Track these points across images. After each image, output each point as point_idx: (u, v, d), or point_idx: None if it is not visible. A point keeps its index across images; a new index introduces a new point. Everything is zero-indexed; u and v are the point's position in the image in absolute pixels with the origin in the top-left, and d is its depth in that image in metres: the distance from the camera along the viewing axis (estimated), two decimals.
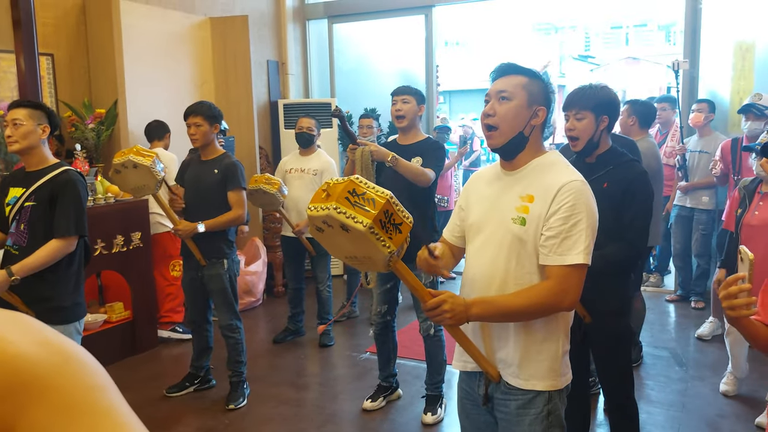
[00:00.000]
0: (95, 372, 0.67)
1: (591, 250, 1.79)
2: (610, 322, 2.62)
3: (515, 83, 1.85)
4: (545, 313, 1.82)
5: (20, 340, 0.64)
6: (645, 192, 2.59)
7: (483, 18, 22.22)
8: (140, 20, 5.10)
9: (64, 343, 0.68)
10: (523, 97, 1.84)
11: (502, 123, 1.84)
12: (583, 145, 2.61)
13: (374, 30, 7.26)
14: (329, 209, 1.61)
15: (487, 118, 1.87)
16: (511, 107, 1.84)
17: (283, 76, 6.90)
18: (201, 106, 3.66)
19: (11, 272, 2.61)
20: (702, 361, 4.28)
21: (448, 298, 1.77)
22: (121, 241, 4.43)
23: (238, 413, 3.67)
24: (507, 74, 1.89)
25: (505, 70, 1.90)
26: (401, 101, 3.40)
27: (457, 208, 2.07)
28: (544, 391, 1.85)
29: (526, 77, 1.86)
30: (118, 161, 3.44)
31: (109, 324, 4.46)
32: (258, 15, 6.52)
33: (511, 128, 1.84)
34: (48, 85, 4.64)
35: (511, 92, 1.84)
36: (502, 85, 1.86)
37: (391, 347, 3.73)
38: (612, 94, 2.67)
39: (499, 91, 1.85)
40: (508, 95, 1.84)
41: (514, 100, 1.84)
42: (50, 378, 0.62)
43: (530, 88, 1.85)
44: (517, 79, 1.86)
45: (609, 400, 2.83)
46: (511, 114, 1.84)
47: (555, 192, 1.78)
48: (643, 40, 27.17)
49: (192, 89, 5.65)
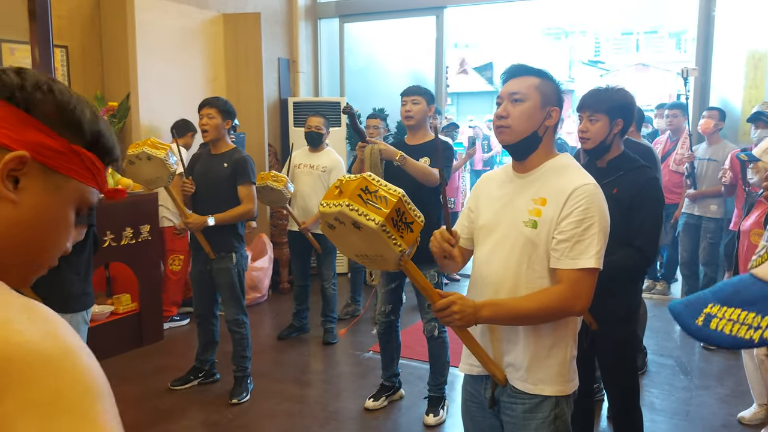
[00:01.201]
0: (93, 377, 0.65)
1: (603, 255, 1.78)
2: (617, 329, 2.61)
3: (528, 84, 1.83)
4: (556, 318, 1.81)
5: (28, 329, 0.63)
6: (655, 198, 2.58)
7: (494, 21, 22.18)
8: (154, 14, 5.12)
9: (71, 341, 0.66)
10: (537, 98, 1.83)
11: (515, 124, 1.83)
12: (593, 146, 2.60)
13: (385, 30, 7.27)
14: (342, 206, 1.61)
15: (500, 120, 1.85)
16: (524, 109, 1.82)
17: (294, 74, 6.91)
18: (217, 100, 3.69)
19: None
20: (707, 370, 4.27)
21: (458, 300, 1.75)
22: (130, 234, 4.45)
23: (241, 408, 3.68)
24: (519, 75, 1.87)
25: (516, 71, 1.88)
26: (411, 102, 3.41)
27: (466, 209, 2.06)
28: (552, 396, 1.84)
29: (538, 78, 1.85)
30: (132, 153, 3.46)
31: (116, 315, 4.48)
32: (270, 12, 6.53)
33: (524, 129, 1.83)
34: (62, 77, 4.67)
35: (524, 94, 1.82)
36: (515, 87, 1.84)
37: (394, 347, 3.74)
38: (628, 96, 2.65)
39: (512, 93, 1.84)
40: (521, 97, 1.82)
41: (528, 101, 1.82)
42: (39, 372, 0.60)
43: (543, 89, 1.84)
44: (530, 80, 1.84)
45: (613, 407, 2.82)
46: (524, 116, 1.82)
47: (568, 195, 1.77)
48: (654, 46, 27.07)
49: (203, 84, 5.67)
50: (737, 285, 0.71)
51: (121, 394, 3.67)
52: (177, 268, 5.10)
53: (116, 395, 0.69)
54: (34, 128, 0.76)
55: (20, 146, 0.74)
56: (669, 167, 5.51)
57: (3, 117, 0.74)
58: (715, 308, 0.70)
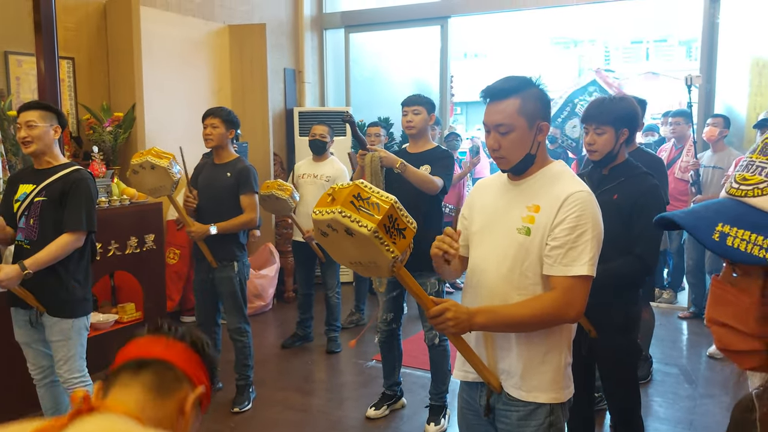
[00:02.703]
0: None
1: (596, 262, 1.78)
2: (617, 337, 2.59)
3: (509, 112, 1.79)
4: (549, 324, 1.80)
5: None
6: (656, 205, 2.56)
7: (502, 30, 22.20)
8: (160, 26, 5.18)
9: None
10: (523, 123, 1.79)
11: (508, 154, 1.82)
12: (601, 157, 2.62)
13: (390, 40, 7.31)
14: (334, 213, 1.62)
15: (494, 152, 1.84)
16: (513, 139, 1.80)
17: (300, 84, 6.96)
18: (220, 109, 3.73)
19: (24, 266, 2.67)
20: (712, 379, 4.23)
21: (452, 306, 1.75)
22: (134, 243, 4.48)
23: (243, 417, 3.69)
24: (497, 99, 1.82)
25: (494, 95, 1.82)
26: (412, 112, 3.43)
27: (461, 217, 2.06)
28: (546, 404, 1.83)
29: (518, 97, 1.79)
30: (136, 162, 3.50)
31: (120, 324, 4.50)
32: (276, 23, 6.59)
33: (518, 155, 1.82)
34: (68, 88, 4.73)
35: (509, 124, 1.79)
36: (498, 117, 1.80)
37: (396, 355, 3.73)
38: (631, 105, 2.65)
39: (497, 125, 1.81)
40: (506, 129, 1.79)
41: (515, 131, 1.79)
42: None
43: (526, 109, 1.79)
44: (510, 104, 1.79)
45: (615, 416, 2.80)
46: (515, 145, 1.81)
47: (561, 202, 1.77)
48: (664, 55, 26.95)
49: (209, 95, 5.72)
50: (737, 208, 0.81)
51: None
52: (173, 261, 5.13)
53: None
54: (204, 373, 1.13)
55: (199, 383, 1.11)
56: (674, 175, 5.48)
57: (192, 359, 1.12)
58: (726, 227, 0.80)
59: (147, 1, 5.11)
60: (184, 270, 5.23)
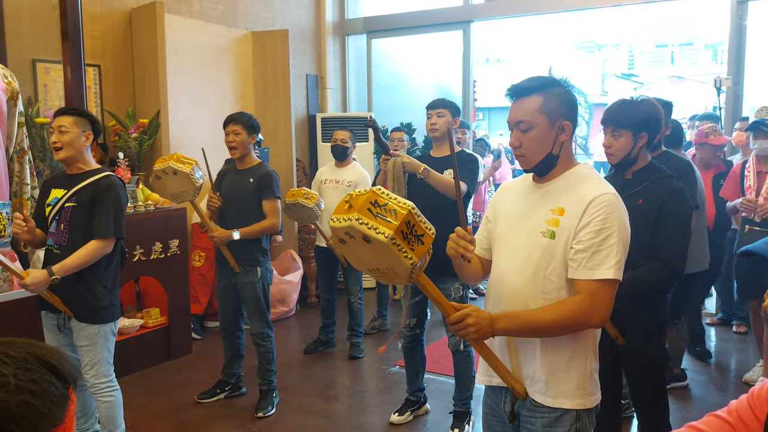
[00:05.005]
0: None
1: (622, 266, 1.74)
2: (644, 343, 2.55)
3: (531, 109, 1.78)
4: (574, 330, 1.77)
5: None
6: (681, 209, 2.52)
7: (525, 35, 22.12)
8: (184, 33, 5.25)
9: None
10: (543, 121, 1.78)
11: (529, 152, 1.81)
12: (618, 160, 2.58)
13: (412, 45, 7.31)
14: (351, 220, 1.60)
15: (516, 150, 1.84)
16: (534, 137, 1.79)
17: (322, 90, 6.99)
18: (241, 115, 3.74)
19: (52, 272, 2.69)
20: (743, 388, 4.13)
21: (473, 312, 1.73)
22: (159, 248, 4.52)
23: (266, 422, 3.69)
24: (520, 97, 1.81)
25: (517, 93, 1.82)
26: (436, 115, 3.41)
27: (485, 219, 2.03)
28: (572, 410, 1.80)
29: (541, 95, 1.78)
30: (158, 167, 3.53)
31: (145, 329, 4.55)
32: (298, 30, 6.63)
33: (538, 154, 1.80)
34: (94, 95, 4.80)
35: (529, 122, 1.78)
36: (520, 115, 1.80)
37: (419, 361, 3.71)
38: (652, 108, 2.60)
39: (518, 122, 1.80)
40: (527, 126, 1.78)
41: (535, 128, 1.78)
42: None
43: (548, 107, 1.78)
44: (532, 101, 1.78)
45: (643, 423, 2.75)
46: (535, 143, 1.79)
47: (586, 205, 1.73)
48: (689, 58, 26.62)
49: (232, 101, 5.77)
50: None
51: (149, 407, 3.73)
52: (199, 264, 5.17)
53: (145, 407, 0.70)
54: None
55: None
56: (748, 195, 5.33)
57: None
58: None
59: (171, 9, 5.18)
60: (210, 273, 5.26)
